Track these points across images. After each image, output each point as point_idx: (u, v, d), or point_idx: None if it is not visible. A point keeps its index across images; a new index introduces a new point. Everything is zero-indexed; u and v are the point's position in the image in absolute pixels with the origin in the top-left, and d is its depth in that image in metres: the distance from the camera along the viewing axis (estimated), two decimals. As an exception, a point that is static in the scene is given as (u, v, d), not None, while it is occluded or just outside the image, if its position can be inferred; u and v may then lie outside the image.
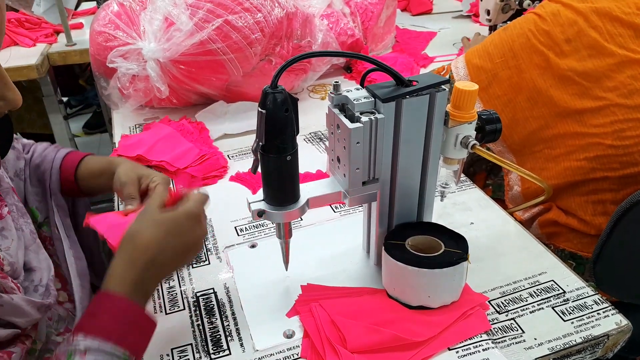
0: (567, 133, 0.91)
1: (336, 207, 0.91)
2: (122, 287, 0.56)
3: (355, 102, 0.61)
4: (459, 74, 1.02)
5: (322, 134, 1.15)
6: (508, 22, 1.66)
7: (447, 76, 1.05)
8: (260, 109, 0.56)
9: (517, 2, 1.51)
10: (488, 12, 1.55)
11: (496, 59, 0.96)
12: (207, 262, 0.79)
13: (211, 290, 0.74)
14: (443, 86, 0.62)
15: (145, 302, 0.58)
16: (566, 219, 0.98)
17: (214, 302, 0.72)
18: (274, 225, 0.69)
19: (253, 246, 0.82)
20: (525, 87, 0.93)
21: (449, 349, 0.63)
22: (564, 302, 0.70)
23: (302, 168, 0.99)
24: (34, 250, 0.72)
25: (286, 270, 0.74)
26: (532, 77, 0.92)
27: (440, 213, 0.87)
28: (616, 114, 0.87)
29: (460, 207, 0.89)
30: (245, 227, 0.86)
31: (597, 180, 0.90)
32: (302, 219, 0.87)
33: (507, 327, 0.67)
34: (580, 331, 0.66)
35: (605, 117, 0.88)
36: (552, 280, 0.74)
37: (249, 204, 0.64)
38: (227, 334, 0.67)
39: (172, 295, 0.74)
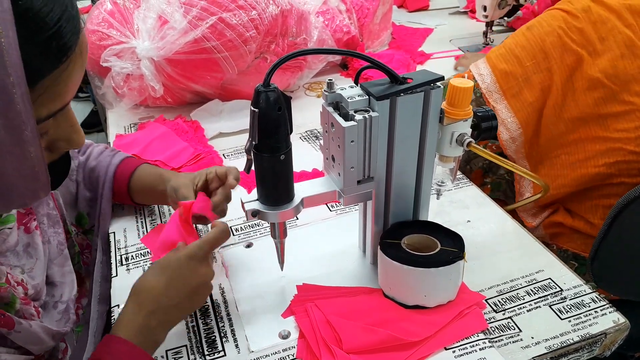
0: (589, 137, 0.88)
1: (332, 206, 0.90)
2: (128, 333, 0.57)
3: (349, 100, 0.60)
4: (485, 82, 0.94)
5: (318, 132, 1.14)
6: (505, 17, 1.66)
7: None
8: (252, 108, 0.55)
9: (513, -2, 1.51)
10: (485, 8, 1.55)
11: (526, 62, 0.89)
12: (202, 263, 0.79)
13: (206, 291, 0.74)
14: (438, 83, 0.62)
15: (152, 348, 0.59)
16: (572, 221, 0.98)
17: (209, 303, 0.71)
18: (269, 224, 0.68)
19: (248, 246, 0.82)
20: (555, 91, 0.88)
21: (446, 349, 0.63)
22: (561, 301, 0.70)
23: (298, 167, 0.99)
24: (58, 263, 0.70)
25: (281, 270, 0.73)
26: (561, 79, 0.87)
27: (437, 211, 0.87)
28: None
29: (457, 205, 0.89)
30: (241, 227, 0.86)
31: (612, 185, 0.88)
32: (297, 218, 0.87)
33: (504, 326, 0.66)
34: (578, 329, 0.65)
35: (630, 122, 0.85)
36: (550, 279, 0.73)
37: (243, 204, 0.64)
38: (222, 334, 0.66)
39: (166, 296, 0.73)
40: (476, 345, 0.63)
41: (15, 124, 0.43)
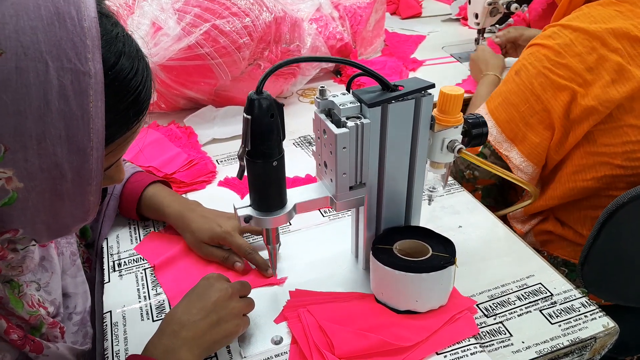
0: (578, 153, 0.89)
1: (325, 212, 0.90)
2: (152, 353, 0.58)
3: (341, 107, 0.61)
4: (493, 134, 0.94)
5: (312, 138, 1.15)
6: (496, 25, 1.67)
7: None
8: (245, 115, 0.55)
9: (504, 6, 1.52)
10: (476, 16, 1.56)
11: (521, 107, 0.90)
12: (194, 268, 0.79)
13: (199, 297, 0.74)
14: (429, 91, 0.62)
15: None
16: (562, 230, 0.98)
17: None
18: (262, 230, 0.68)
19: (241, 252, 0.82)
20: (557, 127, 0.88)
21: (437, 354, 0.63)
22: (551, 305, 0.70)
23: (291, 172, 0.99)
24: (71, 274, 0.71)
25: (275, 275, 0.73)
26: (559, 115, 0.86)
27: (429, 217, 0.87)
28: (628, 135, 0.85)
29: (448, 210, 0.90)
30: (234, 233, 0.86)
31: (601, 197, 0.89)
32: (290, 224, 0.87)
33: (495, 330, 0.67)
34: (568, 334, 0.66)
35: (616, 138, 0.86)
36: (540, 283, 0.74)
37: (236, 209, 0.64)
38: (215, 340, 0.66)
39: (159, 302, 0.73)
40: (467, 349, 0.64)
41: (84, 180, 0.46)
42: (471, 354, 0.63)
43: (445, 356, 0.63)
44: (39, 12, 0.39)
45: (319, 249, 0.81)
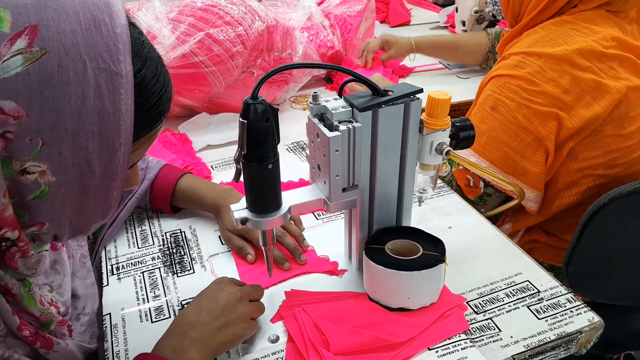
0: (561, 171, 0.91)
1: (318, 215, 0.93)
2: (161, 352, 0.59)
3: (333, 111, 0.63)
4: (491, 174, 0.90)
5: (304, 143, 1.17)
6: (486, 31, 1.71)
7: (482, 186, 0.96)
8: (241, 119, 0.57)
9: (491, 14, 1.56)
10: (464, 23, 1.60)
11: (512, 142, 0.88)
12: (191, 271, 0.80)
13: (196, 299, 0.75)
14: (417, 95, 0.65)
15: None
16: (547, 238, 1.01)
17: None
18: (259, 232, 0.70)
19: (237, 254, 0.84)
20: (550, 151, 0.88)
21: (429, 349, 0.65)
22: (538, 301, 0.73)
23: (285, 177, 1.01)
24: (81, 276, 0.72)
25: (270, 276, 0.75)
26: (550, 141, 0.86)
27: (420, 218, 0.90)
28: (609, 145, 0.87)
29: (439, 212, 0.92)
30: (229, 236, 0.88)
31: (584, 205, 0.91)
32: (285, 227, 0.89)
33: (484, 326, 0.69)
34: (554, 328, 0.68)
35: (598, 149, 0.87)
36: (527, 281, 0.76)
37: (233, 212, 0.66)
38: (213, 340, 0.68)
39: (157, 303, 0.74)
40: (458, 345, 0.66)
41: (110, 175, 0.48)
42: (462, 349, 0.65)
43: (436, 351, 0.65)
44: (78, 18, 0.42)
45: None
